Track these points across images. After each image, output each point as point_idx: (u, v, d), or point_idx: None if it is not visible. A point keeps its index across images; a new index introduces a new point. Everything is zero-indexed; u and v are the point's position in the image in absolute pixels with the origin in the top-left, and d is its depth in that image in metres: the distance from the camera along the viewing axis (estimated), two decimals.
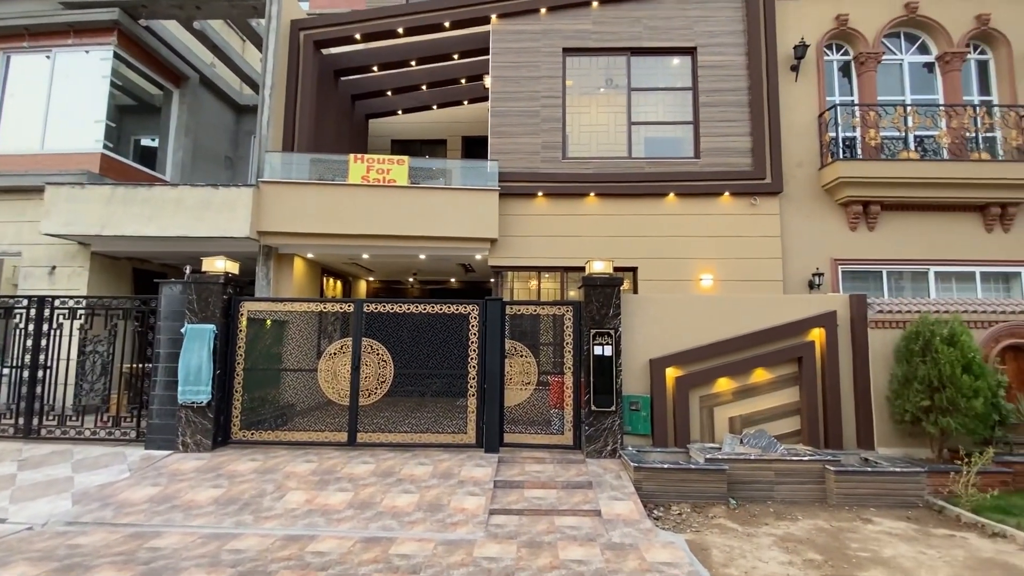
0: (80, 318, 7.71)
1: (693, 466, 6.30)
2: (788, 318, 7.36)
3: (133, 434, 7.44)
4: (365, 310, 7.51)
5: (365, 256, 10.57)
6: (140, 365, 7.67)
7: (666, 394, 7.27)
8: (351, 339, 7.45)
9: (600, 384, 7.09)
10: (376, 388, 7.39)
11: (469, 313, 7.41)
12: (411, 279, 13.40)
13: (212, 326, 7.22)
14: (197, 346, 7.15)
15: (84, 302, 7.78)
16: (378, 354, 7.45)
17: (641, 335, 7.45)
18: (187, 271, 7.47)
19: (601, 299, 7.22)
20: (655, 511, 5.94)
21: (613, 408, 7.05)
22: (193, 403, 7.09)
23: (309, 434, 7.38)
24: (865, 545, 5.05)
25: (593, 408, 7.07)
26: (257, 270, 9.71)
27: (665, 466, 6.28)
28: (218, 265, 7.47)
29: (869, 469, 6.27)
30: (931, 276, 9.87)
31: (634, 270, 9.71)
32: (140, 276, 11.14)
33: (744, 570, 4.49)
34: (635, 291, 9.59)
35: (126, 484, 6.11)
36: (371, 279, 14.54)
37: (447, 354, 7.39)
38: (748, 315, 7.42)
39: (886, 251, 9.76)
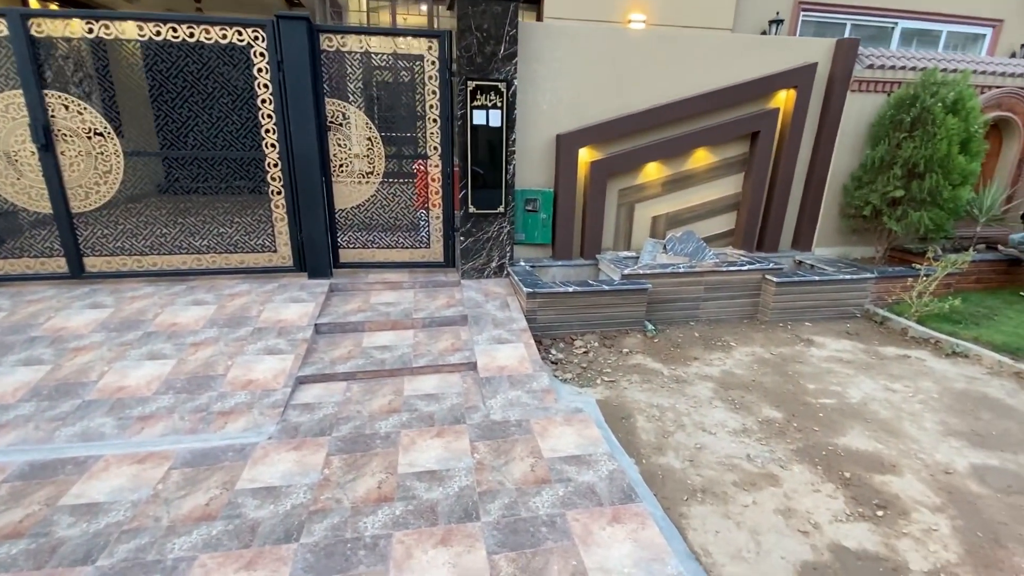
0: None
1: (607, 287, 4.51)
2: (755, 72, 5.07)
3: None
4: (34, 31, 3.88)
5: None
6: None
7: (576, 186, 5.07)
8: (21, 92, 3.97)
9: (482, 173, 4.65)
10: (98, 183, 4.28)
11: (249, 44, 4.12)
12: (197, 9, 8.78)
13: None
14: None
15: None
16: (87, 123, 4.13)
17: (547, 94, 4.83)
18: None
19: (486, 23, 4.26)
20: (552, 350, 4.23)
21: (501, 208, 4.77)
22: None
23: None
24: (823, 384, 3.80)
25: (471, 209, 4.73)
26: None
27: (570, 289, 4.41)
28: None
29: (816, 278, 4.94)
30: (896, 34, 7.91)
31: (538, 2, 6.51)
32: None
33: (688, 454, 2.96)
34: None
35: None
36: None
37: (221, 121, 4.29)
38: (703, 63, 5.00)
39: None
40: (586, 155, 5.04)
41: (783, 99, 5.26)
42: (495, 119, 4.50)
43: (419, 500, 2.46)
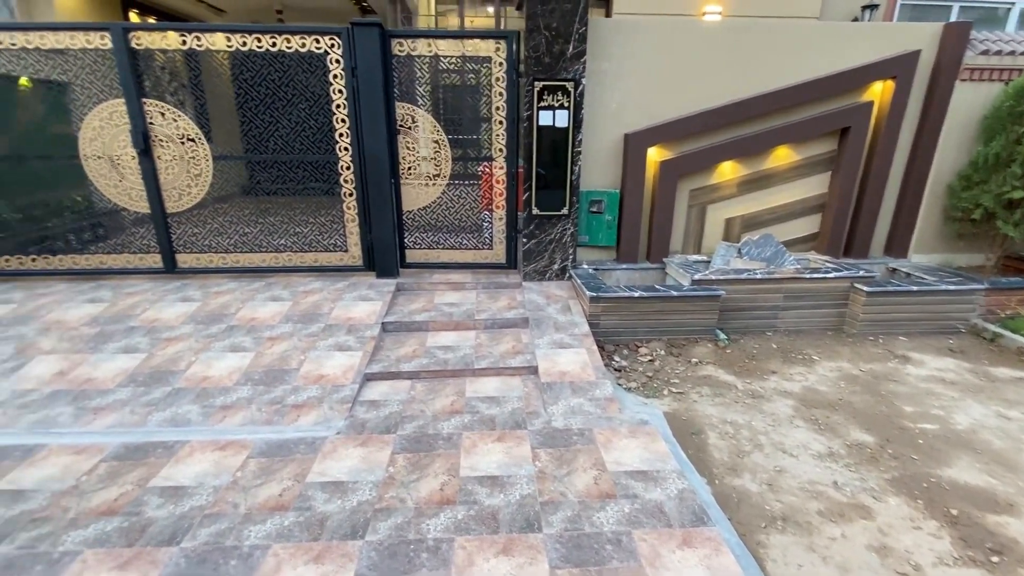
0: None
1: (676, 292, 4.31)
2: (845, 62, 4.67)
3: None
4: (134, 44, 4.22)
5: None
6: None
7: (644, 187, 4.89)
8: (124, 101, 4.34)
9: (546, 175, 4.58)
10: (190, 185, 4.61)
11: (326, 52, 4.28)
12: (279, 20, 9.30)
13: None
14: None
15: None
16: (177, 126, 4.46)
17: (616, 93, 4.69)
18: None
19: (555, 22, 4.19)
20: (616, 357, 4.09)
21: (565, 210, 4.68)
22: None
23: (103, 258, 4.79)
24: (923, 407, 3.42)
25: (535, 211, 4.68)
26: None
27: (635, 294, 4.25)
28: None
29: (914, 288, 4.48)
30: (1013, 15, 7.06)
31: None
32: None
33: (767, 477, 2.75)
34: None
35: None
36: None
37: (299, 126, 4.50)
38: (786, 55, 4.68)
39: None
40: (655, 154, 4.85)
41: (879, 91, 4.81)
42: (562, 119, 4.42)
43: (480, 506, 2.43)
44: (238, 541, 2.21)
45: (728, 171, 5.00)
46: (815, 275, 4.54)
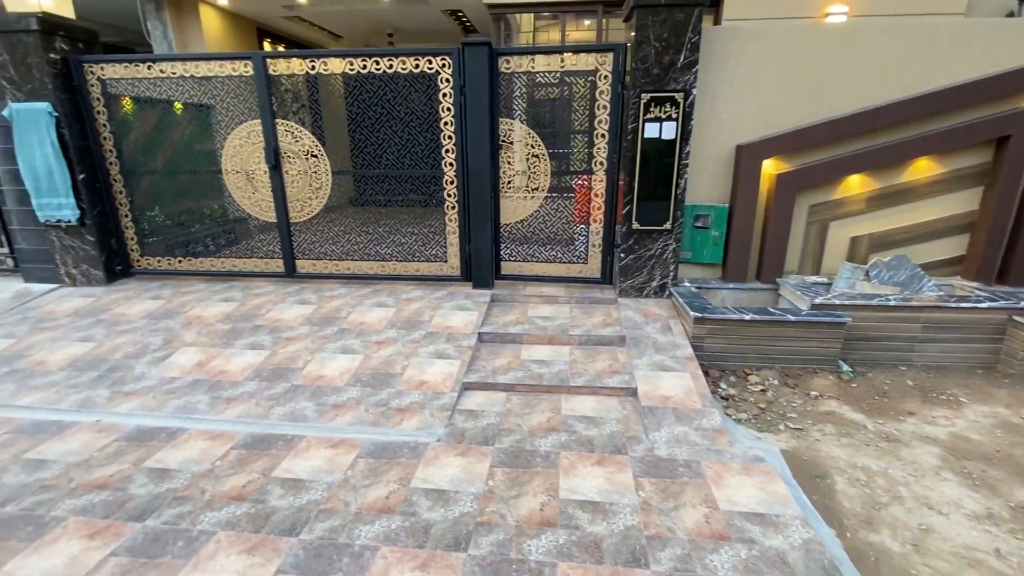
0: None
1: (792, 316, 3.96)
2: (1003, 63, 4.08)
3: (11, 262, 5.61)
4: (271, 71, 4.66)
5: None
6: None
7: (757, 202, 4.57)
8: (260, 122, 4.81)
9: (649, 187, 4.43)
10: (311, 198, 5.00)
11: (437, 71, 4.46)
12: (389, 43, 9.88)
13: (46, 105, 4.67)
14: (36, 138, 4.74)
15: None
16: (302, 143, 4.86)
17: (728, 103, 4.44)
18: None
19: (666, 33, 4.05)
20: (722, 384, 3.83)
21: (668, 225, 4.49)
22: (59, 221, 4.99)
23: (235, 262, 5.33)
24: None
25: (635, 225, 4.54)
26: (148, 27, 6.65)
27: (746, 316, 3.96)
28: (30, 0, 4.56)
29: None
30: None
31: (716, 4, 6.09)
32: None
33: (910, 536, 2.40)
34: None
35: None
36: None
37: (408, 142, 4.73)
38: (927, 57, 4.17)
39: None
40: (771, 167, 4.51)
41: None
42: (669, 131, 4.26)
43: (582, 532, 2.35)
44: (350, 539, 2.31)
45: (856, 185, 4.54)
46: (963, 304, 3.97)
